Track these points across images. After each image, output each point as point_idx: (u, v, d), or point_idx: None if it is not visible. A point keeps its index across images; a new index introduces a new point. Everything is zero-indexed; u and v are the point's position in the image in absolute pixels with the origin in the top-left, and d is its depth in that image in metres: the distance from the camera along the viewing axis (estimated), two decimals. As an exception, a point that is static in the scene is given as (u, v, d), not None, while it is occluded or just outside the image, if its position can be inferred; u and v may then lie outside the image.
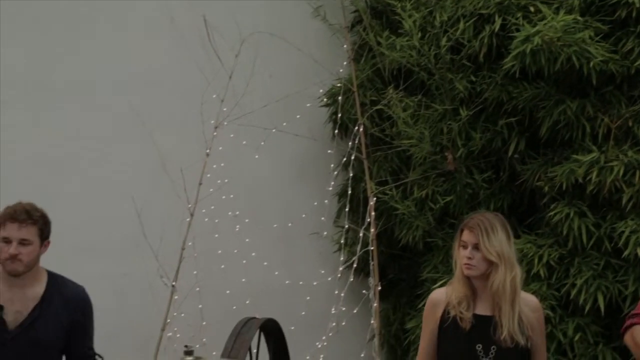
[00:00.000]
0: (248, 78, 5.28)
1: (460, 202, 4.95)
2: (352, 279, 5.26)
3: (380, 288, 5.18)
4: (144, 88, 5.26)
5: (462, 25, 4.85)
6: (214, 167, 5.24)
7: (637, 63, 4.42)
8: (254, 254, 5.36)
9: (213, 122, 5.25)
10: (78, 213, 4.94)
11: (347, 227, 5.41)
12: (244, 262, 5.32)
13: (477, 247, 3.02)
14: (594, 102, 4.58)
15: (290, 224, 5.55)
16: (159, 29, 5.33)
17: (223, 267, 5.26)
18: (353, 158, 5.35)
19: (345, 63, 5.57)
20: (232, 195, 5.31)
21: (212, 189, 5.20)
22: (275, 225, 5.53)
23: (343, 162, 5.45)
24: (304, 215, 5.58)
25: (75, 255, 4.69)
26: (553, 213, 4.52)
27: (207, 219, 5.23)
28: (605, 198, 4.44)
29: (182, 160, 5.13)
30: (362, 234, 5.21)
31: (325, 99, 5.62)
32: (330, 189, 5.56)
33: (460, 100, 4.95)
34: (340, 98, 5.44)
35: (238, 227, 5.33)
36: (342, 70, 5.58)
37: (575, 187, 4.51)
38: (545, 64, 4.45)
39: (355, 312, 5.33)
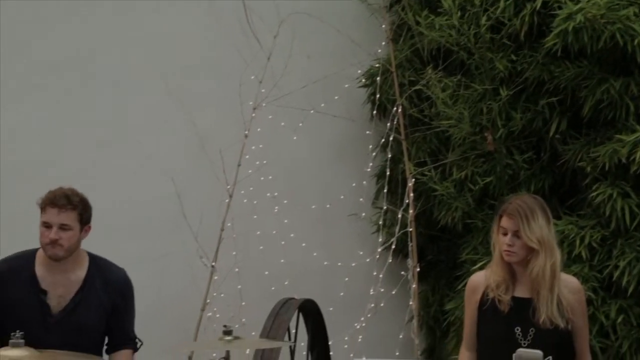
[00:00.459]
0: (286, 59, 5.27)
1: (500, 183, 4.89)
2: (390, 260, 5.24)
3: (419, 269, 5.16)
4: (183, 70, 5.29)
5: (502, 4, 4.77)
6: (253, 148, 5.26)
7: (683, 40, 4.31)
8: (293, 235, 5.38)
9: (251, 103, 5.26)
10: (119, 194, 5.00)
11: (385, 208, 5.39)
12: (283, 243, 5.34)
13: (517, 234, 3.00)
14: (638, 80, 4.48)
15: (329, 205, 5.55)
16: (198, 11, 5.34)
17: (262, 248, 5.29)
18: (391, 139, 5.32)
19: (384, 43, 5.52)
20: (270, 177, 5.32)
21: (250, 170, 5.21)
22: (314, 207, 5.53)
23: (381, 143, 5.43)
24: (343, 197, 5.57)
25: (116, 237, 4.75)
26: (595, 194, 4.44)
27: (245, 200, 5.25)
28: (650, 178, 4.36)
29: (220, 142, 5.15)
30: (400, 215, 5.19)
31: (364, 80, 5.59)
32: (369, 170, 5.54)
33: (501, 80, 4.89)
34: (379, 79, 5.40)
35: (277, 208, 5.35)
36: (380, 51, 5.54)
37: (619, 167, 4.42)
38: (588, 42, 4.37)
39: (394, 293, 5.32)
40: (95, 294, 3.18)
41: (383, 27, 5.52)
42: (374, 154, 5.50)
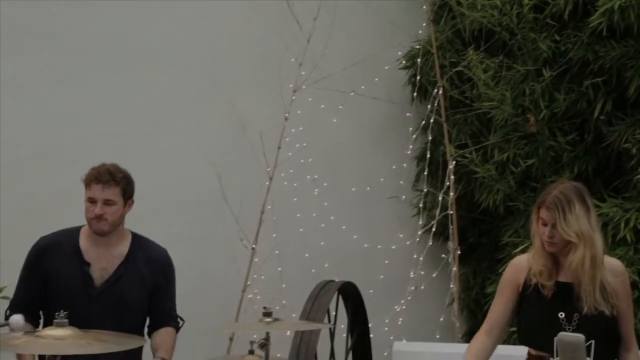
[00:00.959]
0: (326, 41, 5.25)
1: (543, 165, 4.83)
2: (431, 243, 5.22)
3: (460, 252, 5.13)
4: (224, 53, 5.31)
5: (545, -17, 4.70)
6: (293, 131, 5.26)
7: None
8: (333, 218, 5.39)
9: (291, 86, 5.25)
10: (161, 177, 5.04)
11: (426, 190, 5.36)
12: (323, 225, 5.35)
13: (555, 226, 2.96)
14: (686, 60, 4.38)
15: (369, 188, 5.54)
16: (239, -6, 5.35)
17: (302, 230, 5.30)
18: (432, 121, 5.28)
19: (425, 24, 5.47)
20: (310, 159, 5.33)
21: (290, 153, 5.22)
22: (354, 189, 5.52)
23: (422, 125, 5.39)
24: (383, 179, 5.55)
25: (158, 219, 4.80)
26: (641, 176, 4.37)
27: (286, 183, 5.27)
28: (697, 160, 4.27)
29: (261, 125, 5.16)
30: (441, 198, 5.15)
31: (404, 62, 5.55)
32: (409, 153, 5.52)
33: (544, 61, 4.81)
34: (420, 60, 5.36)
35: (317, 190, 5.36)
36: (421, 32, 5.49)
37: (665, 149, 4.35)
38: (635, 21, 4.28)
39: (434, 276, 5.30)
40: (137, 269, 3.23)
41: (424, 8, 5.47)
42: (415, 136, 5.47)
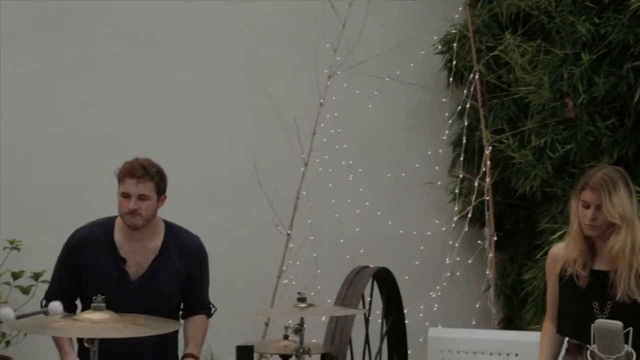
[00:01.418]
0: (361, 27, 5.22)
1: (581, 150, 4.76)
2: (466, 229, 5.19)
3: (496, 238, 5.09)
4: (259, 39, 5.31)
5: (585, -35, 4.62)
6: (328, 116, 5.25)
7: None
8: (368, 204, 5.38)
9: (326, 71, 5.24)
10: (196, 163, 5.08)
11: (461, 176, 5.32)
12: (358, 211, 5.34)
13: (599, 207, 2.92)
14: None
15: (404, 174, 5.51)
16: (273, -21, 5.34)
17: (337, 216, 5.30)
18: (468, 106, 5.23)
19: (461, 8, 5.41)
20: (345, 145, 5.32)
21: (325, 139, 5.22)
22: (389, 175, 5.50)
23: (458, 110, 5.34)
24: (418, 165, 5.53)
25: (194, 206, 4.84)
26: (682, 162, 4.29)
27: (320, 169, 5.26)
28: None
29: (296, 110, 5.16)
30: (477, 184, 5.11)
31: (440, 46, 5.50)
32: (445, 138, 5.48)
33: (583, 44, 4.73)
34: (456, 45, 5.31)
35: (351, 176, 5.35)
36: (457, 16, 5.43)
37: None
38: (677, 3, 4.19)
39: (470, 262, 5.27)
40: (171, 262, 3.24)
41: (460, -9, 5.41)
42: (450, 122, 5.43)
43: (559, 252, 3.10)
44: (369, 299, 4.15)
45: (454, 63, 5.33)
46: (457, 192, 5.33)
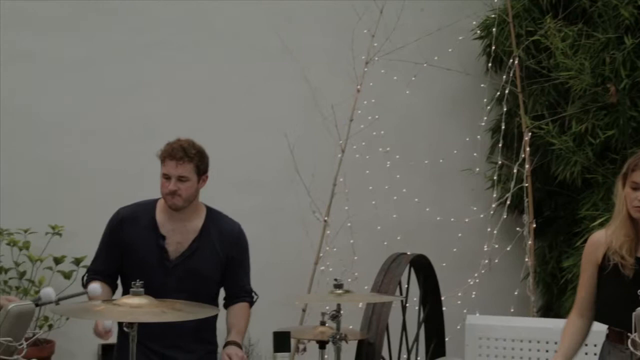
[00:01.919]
0: (399, 12, 5.19)
1: (623, 136, 4.69)
2: (505, 216, 5.15)
3: (535, 225, 5.04)
4: (296, 25, 5.30)
5: (628, -54, 4.52)
6: (365, 103, 5.24)
7: None
8: (405, 190, 5.36)
9: (364, 57, 5.22)
10: (233, 150, 5.09)
11: (500, 163, 5.28)
12: (395, 198, 5.33)
13: None
14: None
15: (442, 160, 5.48)
16: (310, -35, 5.33)
17: (374, 203, 5.29)
18: (507, 92, 5.18)
19: (500, -7, 5.36)
20: (382, 132, 5.30)
21: (362, 125, 5.20)
22: (426, 162, 5.48)
23: (497, 96, 5.29)
24: (456, 151, 5.49)
25: (232, 191, 4.87)
26: None
27: (357, 155, 5.26)
28: None
29: (333, 97, 5.15)
30: (516, 170, 5.06)
31: (479, 31, 5.45)
32: (483, 124, 5.43)
33: (625, 28, 4.65)
34: (495, 30, 5.25)
35: (389, 163, 5.33)
36: (496, 1, 5.37)
37: None
38: None
39: (509, 249, 5.23)
40: (211, 244, 3.27)
41: (499, -25, 5.35)
42: (489, 108, 5.38)
43: (600, 239, 3.04)
44: (406, 286, 4.14)
45: (493, 48, 5.28)
46: (495, 178, 5.28)
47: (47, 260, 4.77)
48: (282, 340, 2.84)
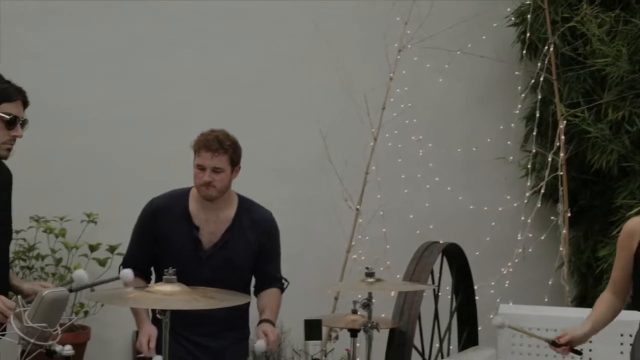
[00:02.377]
0: (432, -1, 5.16)
1: (661, 124, 4.62)
2: (539, 205, 5.09)
3: (570, 214, 4.99)
4: (328, 12, 5.28)
5: None
6: (398, 91, 5.21)
7: None
8: (438, 179, 5.33)
9: (397, 45, 5.19)
10: (266, 138, 5.10)
11: (534, 151, 5.22)
12: (428, 186, 5.30)
13: None
14: None
15: (475, 149, 5.44)
16: (343, -48, 5.30)
17: (406, 191, 5.28)
18: (542, 79, 5.11)
19: (535, -21, 5.28)
20: (415, 120, 5.27)
21: (395, 114, 5.18)
22: (459, 150, 5.44)
23: (531, 84, 5.23)
24: (489, 140, 5.44)
25: (263, 179, 4.88)
26: None
27: (390, 144, 5.24)
28: None
29: (365, 85, 5.13)
30: (550, 159, 5.01)
31: (513, 18, 5.38)
32: (517, 112, 5.37)
33: (664, 14, 4.57)
34: (530, 16, 5.18)
35: (421, 151, 5.31)
36: (531, -13, 5.31)
37: None
38: None
39: (543, 238, 5.18)
40: (243, 233, 3.29)
41: (534, -39, 5.27)
42: (523, 96, 5.32)
43: (635, 227, 3.00)
44: (439, 275, 4.12)
45: (528, 35, 5.21)
46: (529, 167, 5.23)
47: (82, 248, 4.83)
48: (313, 328, 2.85)
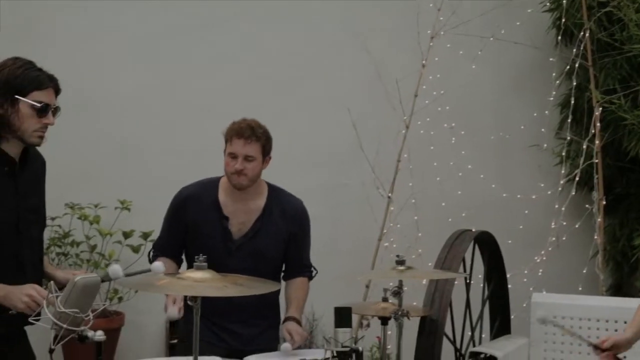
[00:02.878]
0: (465, -15, 5.11)
1: (699, 111, 4.52)
2: (574, 193, 5.03)
3: (605, 203, 4.92)
4: (360, -1, 5.27)
5: None
6: (430, 78, 5.17)
7: None
8: (470, 167, 5.29)
9: (429, 32, 5.14)
10: (297, 126, 5.11)
11: (569, 138, 5.15)
12: (460, 174, 5.26)
13: None
14: None
15: (508, 136, 5.38)
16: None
17: (438, 179, 5.24)
18: (577, 66, 5.04)
19: (571, -37, 5.20)
20: (447, 107, 5.23)
21: (427, 101, 5.14)
22: (492, 137, 5.39)
23: (566, 70, 5.15)
24: (523, 127, 5.38)
25: (294, 167, 4.88)
26: None
27: (422, 131, 5.20)
28: None
29: (397, 72, 5.10)
30: (585, 146, 4.94)
31: (549, 4, 5.30)
32: (552, 99, 5.30)
33: None
34: (565, 1, 5.10)
35: (454, 139, 5.27)
36: (567, -29, 5.22)
37: None
38: None
39: (577, 227, 5.12)
40: (274, 222, 3.29)
41: (569, -55, 5.18)
42: (558, 82, 5.24)
43: None
44: (470, 263, 4.10)
45: (563, 21, 5.13)
46: (564, 154, 5.17)
47: (116, 235, 4.89)
48: (343, 316, 2.84)
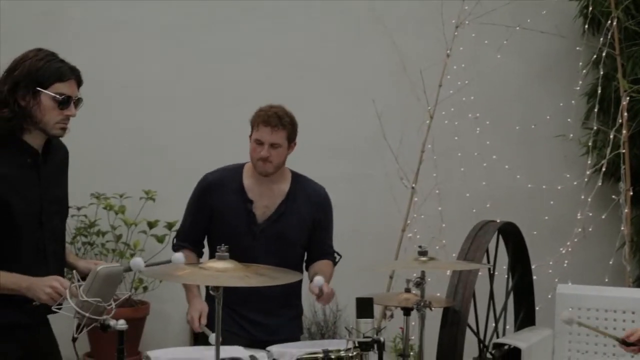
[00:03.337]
0: (490, -27, 5.06)
1: None
2: (600, 184, 4.98)
3: (633, 193, 4.87)
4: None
5: None
6: (454, 68, 5.14)
7: None
8: (495, 157, 5.26)
9: (454, 21, 5.11)
10: (321, 115, 5.10)
11: (596, 128, 5.09)
12: (485, 165, 5.23)
13: None
14: None
15: (534, 126, 5.34)
16: None
17: (463, 170, 5.22)
18: (604, 55, 4.98)
19: (598, -50, 5.13)
20: (472, 97, 5.19)
21: (452, 91, 5.11)
22: (518, 128, 5.35)
23: (593, 59, 5.09)
24: (549, 117, 5.33)
25: (318, 156, 4.89)
26: None
27: (446, 121, 5.17)
28: None
29: (421, 62, 5.07)
30: (612, 136, 4.88)
31: (575, -8, 5.25)
32: (578, 89, 5.24)
33: None
34: (592, -10, 5.06)
35: (478, 129, 5.23)
36: (594, -41, 5.16)
37: None
38: None
39: (604, 217, 5.07)
40: (297, 207, 3.30)
41: None
42: (585, 71, 5.19)
43: None
44: (494, 254, 4.07)
45: (590, 9, 5.08)
46: (590, 144, 5.12)
47: (141, 225, 4.92)
48: (365, 306, 2.83)
